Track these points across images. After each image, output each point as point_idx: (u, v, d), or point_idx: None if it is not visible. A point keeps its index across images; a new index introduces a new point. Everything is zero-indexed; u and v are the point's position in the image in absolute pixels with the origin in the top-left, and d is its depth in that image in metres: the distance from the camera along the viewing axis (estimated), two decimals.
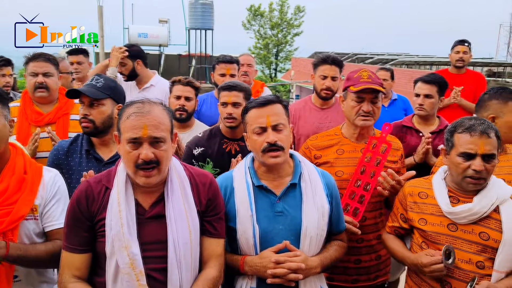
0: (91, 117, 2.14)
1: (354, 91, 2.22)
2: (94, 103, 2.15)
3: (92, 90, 2.15)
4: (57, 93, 2.91)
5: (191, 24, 21.67)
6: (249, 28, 36.69)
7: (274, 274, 1.69)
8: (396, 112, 4.32)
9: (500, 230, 1.79)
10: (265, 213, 1.81)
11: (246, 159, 1.97)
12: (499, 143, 1.82)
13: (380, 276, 2.37)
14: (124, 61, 3.71)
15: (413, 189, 2.02)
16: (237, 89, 2.55)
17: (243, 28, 36.75)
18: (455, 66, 4.45)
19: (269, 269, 1.70)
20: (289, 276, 1.70)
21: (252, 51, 35.93)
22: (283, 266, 1.70)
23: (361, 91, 2.21)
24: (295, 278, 1.71)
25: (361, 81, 2.22)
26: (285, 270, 1.69)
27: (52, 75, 2.83)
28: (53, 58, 2.89)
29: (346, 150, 2.32)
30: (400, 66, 23.81)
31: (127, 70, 3.74)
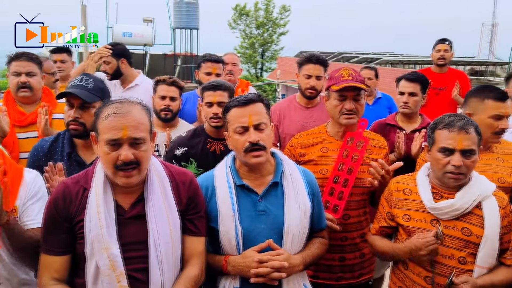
0: (82, 120, 2.07)
1: (336, 90, 2.23)
2: (86, 105, 2.08)
3: (84, 92, 2.08)
4: (40, 93, 2.86)
5: (176, 23, 21.56)
6: (234, 28, 36.62)
7: (258, 274, 1.69)
8: (381, 110, 4.36)
9: (482, 226, 1.82)
10: (247, 212, 1.80)
11: (227, 158, 1.96)
12: (479, 139, 1.84)
13: (364, 274, 2.39)
14: (108, 60, 3.67)
15: (398, 186, 2.03)
16: (221, 89, 2.54)
17: (228, 27, 36.68)
18: (437, 64, 4.51)
19: (252, 268, 1.70)
20: (273, 275, 1.70)
21: (238, 50, 35.86)
22: (266, 265, 1.70)
23: (342, 89, 2.21)
24: (278, 276, 1.71)
25: (342, 80, 2.23)
26: (268, 269, 1.69)
27: (35, 74, 2.78)
28: (36, 57, 2.83)
29: (330, 148, 2.33)
30: (384, 65, 24.06)
31: (111, 69, 3.70)
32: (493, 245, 1.81)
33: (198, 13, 21.72)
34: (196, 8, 21.57)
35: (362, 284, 2.39)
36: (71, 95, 2.07)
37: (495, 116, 2.28)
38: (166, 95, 2.92)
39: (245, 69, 36.67)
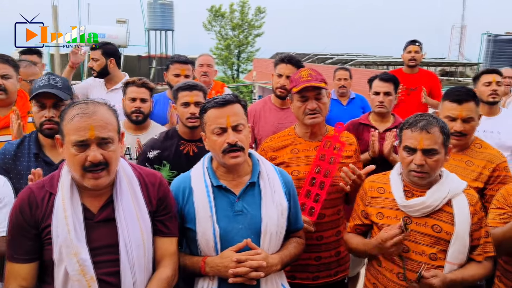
0: (57, 118, 2.04)
1: (296, 91, 2.25)
2: (59, 104, 2.07)
3: (56, 91, 2.06)
4: (15, 96, 2.78)
5: (151, 24, 21.39)
6: (210, 29, 36.53)
7: (236, 273, 1.68)
8: (355, 110, 4.43)
9: (452, 223, 1.85)
10: (224, 213, 1.79)
11: (204, 159, 1.94)
12: (444, 138, 1.87)
13: (340, 271, 2.40)
14: (97, 57, 3.65)
15: (372, 184, 2.06)
16: (197, 89, 2.53)
17: (204, 29, 36.53)
18: (408, 65, 4.60)
19: (230, 268, 1.69)
20: (251, 275, 1.69)
21: (213, 52, 35.79)
22: (244, 265, 1.69)
23: (303, 90, 2.23)
24: (257, 276, 1.70)
25: (302, 81, 2.24)
26: (246, 269, 1.69)
27: (11, 77, 2.70)
28: (12, 60, 2.76)
29: (300, 149, 2.34)
30: (359, 66, 24.40)
31: (99, 66, 3.67)
32: (463, 242, 1.84)
33: (173, 14, 21.60)
34: (171, 9, 21.45)
35: (338, 282, 2.40)
36: (44, 95, 2.04)
37: (447, 117, 2.35)
38: (136, 97, 2.87)
39: (221, 70, 36.63)
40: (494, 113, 3.40)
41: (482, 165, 2.33)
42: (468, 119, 2.33)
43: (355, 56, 28.22)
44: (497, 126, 3.34)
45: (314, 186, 2.24)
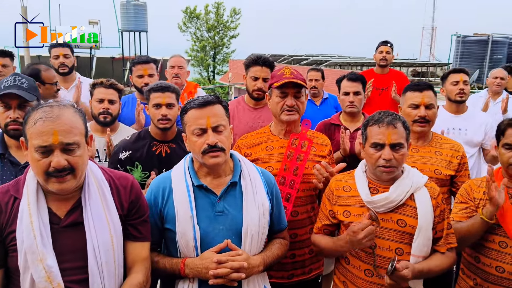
0: (22, 119, 1.99)
1: (277, 86, 2.27)
2: (24, 104, 2.03)
3: (22, 92, 2.03)
4: None
5: (124, 26, 21.06)
6: (185, 31, 36.23)
7: (216, 275, 1.66)
8: (328, 110, 4.47)
9: (416, 217, 1.89)
10: (205, 213, 1.77)
11: (185, 159, 1.92)
12: (407, 133, 1.93)
13: (314, 269, 2.43)
14: (69, 54, 3.64)
15: (338, 183, 2.08)
16: (170, 90, 2.51)
17: (179, 30, 36.24)
18: (379, 65, 4.69)
19: (210, 269, 1.67)
20: (232, 276, 1.67)
21: (189, 53, 35.53)
22: (225, 266, 1.67)
23: (284, 85, 2.26)
24: (238, 277, 1.69)
25: (284, 77, 2.28)
26: (227, 270, 1.67)
27: None
28: None
29: (275, 146, 2.36)
30: (333, 67, 24.70)
31: (70, 62, 3.67)
32: (427, 235, 1.89)
33: (146, 15, 21.34)
34: (144, 10, 21.18)
35: (312, 280, 2.43)
36: (10, 96, 2.01)
37: (411, 105, 2.50)
38: (104, 98, 2.81)
39: (197, 72, 36.42)
40: (461, 111, 3.50)
41: (450, 154, 2.49)
42: (429, 105, 2.49)
43: (330, 57, 28.55)
44: (464, 124, 3.45)
45: (285, 185, 2.25)
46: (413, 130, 2.49)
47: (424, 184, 1.96)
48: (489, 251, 2.09)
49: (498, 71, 4.94)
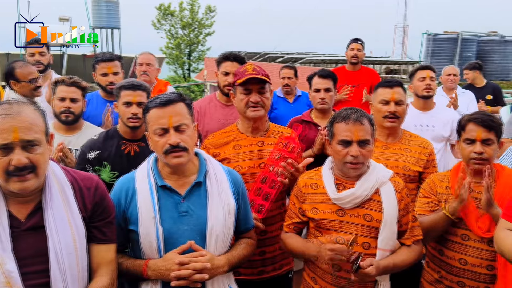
0: None
1: (240, 83, 2.28)
2: None
3: None
4: None
5: (96, 22, 20.65)
6: (159, 28, 35.76)
7: (178, 276, 1.65)
8: (301, 108, 4.50)
9: (381, 211, 1.93)
10: (169, 214, 1.76)
11: (149, 159, 1.90)
12: (372, 129, 1.96)
13: (285, 265, 2.45)
14: (45, 52, 3.61)
15: (306, 181, 2.09)
16: (141, 89, 2.48)
17: (153, 27, 35.74)
18: (351, 63, 4.75)
19: (173, 271, 1.65)
20: (194, 277, 1.66)
21: (164, 51, 35.09)
22: (187, 267, 1.66)
23: (247, 82, 2.26)
24: (201, 278, 1.67)
25: (246, 74, 2.28)
26: (189, 271, 1.65)
27: None
28: None
29: (242, 144, 2.36)
30: (308, 64, 24.87)
31: (46, 60, 3.65)
32: (392, 228, 1.93)
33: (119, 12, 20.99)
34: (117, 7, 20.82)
35: (283, 275, 2.44)
36: None
37: (382, 101, 2.56)
38: (66, 97, 2.75)
39: (172, 70, 36.04)
40: (429, 108, 3.58)
41: (418, 151, 2.55)
42: (399, 101, 2.54)
43: (305, 55, 28.72)
44: (432, 120, 3.53)
45: (265, 184, 2.26)
46: (384, 126, 2.55)
47: (389, 178, 1.99)
48: (452, 244, 2.15)
49: (451, 68, 5.09)
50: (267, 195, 2.25)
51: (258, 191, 2.26)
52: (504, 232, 1.65)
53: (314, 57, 28.12)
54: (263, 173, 2.27)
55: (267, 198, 2.25)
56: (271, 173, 2.26)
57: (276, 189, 2.24)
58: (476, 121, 2.11)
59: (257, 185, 2.26)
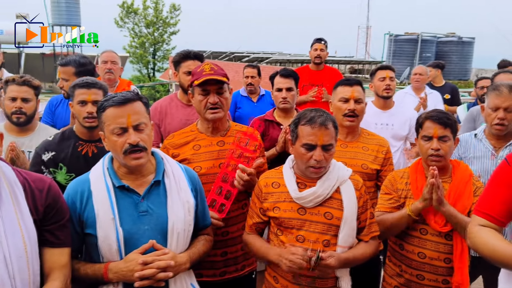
0: None
1: (197, 84, 2.25)
2: None
3: None
4: None
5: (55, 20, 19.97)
6: (122, 26, 34.97)
7: (143, 276, 1.62)
8: (265, 107, 4.51)
9: (341, 209, 1.96)
10: (128, 214, 1.72)
11: (103, 160, 1.85)
12: (336, 132, 1.98)
13: (247, 265, 2.43)
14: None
15: (267, 181, 2.09)
16: (96, 86, 2.38)
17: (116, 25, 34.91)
18: (314, 62, 4.81)
19: (136, 271, 1.62)
20: (159, 276, 1.64)
21: (127, 50, 34.35)
22: (151, 266, 1.64)
23: (204, 83, 2.23)
24: (165, 276, 1.66)
25: (204, 74, 2.25)
26: (153, 270, 1.63)
27: None
28: None
29: (202, 145, 2.33)
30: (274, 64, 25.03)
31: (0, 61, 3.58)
32: (351, 225, 1.96)
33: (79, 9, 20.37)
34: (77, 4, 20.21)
35: (246, 276, 2.43)
36: None
37: (341, 99, 2.60)
38: (16, 97, 2.63)
39: (137, 69, 35.38)
40: (388, 107, 3.67)
41: (376, 149, 2.60)
42: (358, 100, 2.59)
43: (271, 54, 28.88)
44: (391, 119, 3.62)
45: (227, 183, 2.24)
46: (343, 124, 2.58)
47: (348, 177, 2.02)
48: (412, 239, 2.21)
49: (418, 68, 5.27)
50: (229, 194, 2.24)
51: (219, 190, 2.24)
52: (476, 228, 1.69)
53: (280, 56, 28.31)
54: (223, 171, 2.25)
55: (228, 197, 2.24)
56: (232, 171, 2.24)
57: (237, 189, 2.23)
58: (433, 118, 2.18)
59: (218, 184, 2.25)
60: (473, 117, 3.57)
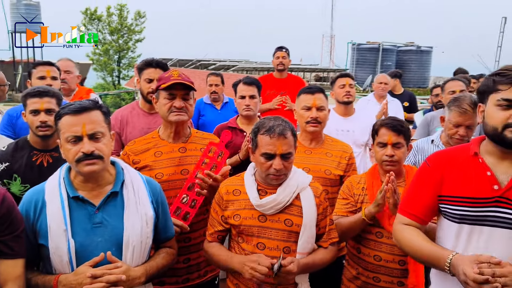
0: None
1: (165, 87, 2.25)
2: None
3: None
4: None
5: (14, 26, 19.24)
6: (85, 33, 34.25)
7: None
8: (229, 114, 4.52)
9: (301, 215, 1.98)
10: (81, 226, 1.69)
11: (60, 170, 1.82)
12: (295, 140, 2.00)
13: (210, 271, 2.43)
14: None
15: (228, 188, 2.09)
16: (49, 95, 2.34)
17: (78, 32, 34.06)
18: (277, 70, 4.88)
19: (84, 285, 1.59)
20: None
21: (90, 57, 33.61)
22: (101, 280, 1.60)
23: (171, 87, 2.25)
24: None
25: (172, 79, 2.26)
26: (102, 284, 1.59)
27: None
28: None
29: (164, 151, 2.32)
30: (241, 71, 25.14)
31: None
32: (311, 232, 1.99)
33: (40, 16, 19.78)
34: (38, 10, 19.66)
35: (208, 282, 2.43)
36: None
37: (304, 107, 2.65)
38: None
39: (101, 77, 34.64)
40: (349, 114, 3.77)
41: (339, 155, 2.65)
42: (320, 107, 2.64)
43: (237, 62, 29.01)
44: (352, 125, 3.71)
45: (192, 191, 2.24)
46: (307, 131, 2.63)
47: (308, 183, 2.05)
48: (368, 242, 2.27)
49: (382, 77, 5.44)
50: (194, 203, 2.24)
51: (185, 198, 2.23)
52: (400, 226, 1.78)
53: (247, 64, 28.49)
54: (190, 180, 2.24)
55: (193, 206, 2.24)
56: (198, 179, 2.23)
57: (203, 197, 2.23)
58: (387, 126, 2.26)
59: (184, 192, 2.24)
60: (427, 123, 3.75)
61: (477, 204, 1.59)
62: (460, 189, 1.64)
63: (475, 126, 2.73)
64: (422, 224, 1.76)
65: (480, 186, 1.60)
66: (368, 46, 25.38)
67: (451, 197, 1.66)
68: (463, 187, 1.64)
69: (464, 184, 1.64)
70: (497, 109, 1.56)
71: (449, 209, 1.67)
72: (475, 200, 1.60)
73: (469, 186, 1.62)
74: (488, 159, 1.63)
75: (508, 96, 1.53)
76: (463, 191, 1.63)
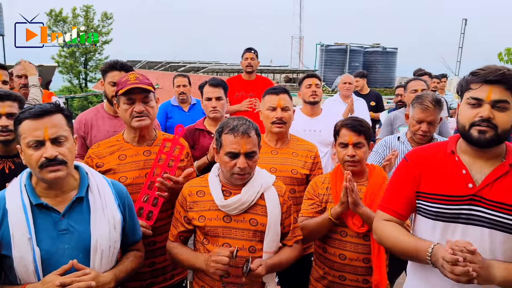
0: None
1: (122, 93, 2.23)
2: None
3: None
4: None
5: None
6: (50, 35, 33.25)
7: None
8: (196, 116, 4.50)
9: (266, 215, 2.00)
10: (47, 233, 1.65)
11: (21, 176, 1.76)
12: (259, 139, 2.03)
13: (177, 274, 2.42)
14: None
15: (191, 189, 2.08)
16: (10, 98, 2.27)
17: None
18: (246, 71, 4.89)
19: None
20: None
21: (56, 59, 32.65)
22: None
23: (130, 92, 2.22)
24: None
25: (129, 83, 2.24)
26: None
27: None
28: None
29: (128, 154, 2.30)
30: (211, 73, 25.06)
31: None
32: (276, 231, 2.01)
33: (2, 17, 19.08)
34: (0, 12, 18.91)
35: (175, 285, 2.41)
36: None
37: (269, 107, 2.69)
38: None
39: (67, 79, 33.72)
40: (316, 114, 3.82)
41: (304, 154, 2.69)
42: (285, 107, 2.67)
43: (207, 64, 28.91)
44: (318, 125, 3.77)
45: (153, 190, 2.22)
46: (272, 131, 2.66)
47: (272, 183, 2.07)
48: (333, 241, 2.29)
49: (346, 77, 5.55)
50: (156, 201, 2.23)
51: (146, 197, 2.22)
52: (381, 223, 1.81)
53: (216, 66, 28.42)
54: (149, 178, 2.23)
55: (155, 204, 2.23)
56: (157, 177, 2.22)
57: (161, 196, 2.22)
58: (348, 126, 2.29)
59: (144, 192, 2.22)
60: (391, 122, 3.87)
61: (452, 201, 1.63)
62: (436, 186, 1.68)
63: (437, 122, 2.84)
64: (402, 220, 1.80)
65: (455, 184, 1.64)
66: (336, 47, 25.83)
67: (427, 194, 1.70)
68: (439, 185, 1.67)
69: (440, 181, 1.67)
70: (467, 108, 1.61)
71: (425, 206, 1.71)
72: (450, 198, 1.64)
73: (445, 183, 1.66)
74: (463, 157, 1.67)
75: (477, 95, 1.58)
76: (439, 189, 1.67)
